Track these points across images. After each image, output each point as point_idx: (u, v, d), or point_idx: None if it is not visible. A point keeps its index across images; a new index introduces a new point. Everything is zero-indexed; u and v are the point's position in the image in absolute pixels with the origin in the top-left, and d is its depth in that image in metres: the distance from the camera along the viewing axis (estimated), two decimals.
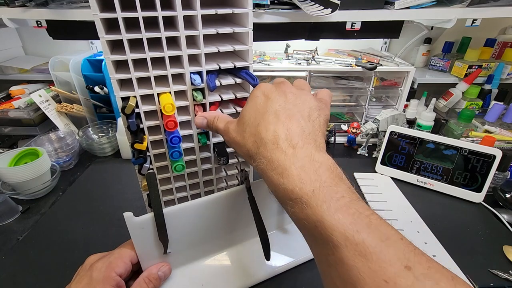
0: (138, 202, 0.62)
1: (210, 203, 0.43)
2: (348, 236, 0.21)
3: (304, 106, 0.30)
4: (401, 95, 0.87)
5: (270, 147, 0.27)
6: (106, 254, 0.40)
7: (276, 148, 0.27)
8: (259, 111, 0.30)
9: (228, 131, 0.33)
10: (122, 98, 0.37)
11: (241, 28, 0.39)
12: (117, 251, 0.39)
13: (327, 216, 0.22)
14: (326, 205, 0.23)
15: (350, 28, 0.75)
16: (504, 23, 1.00)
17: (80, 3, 0.70)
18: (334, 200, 0.23)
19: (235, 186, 0.45)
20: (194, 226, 0.43)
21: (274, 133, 0.28)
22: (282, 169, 0.26)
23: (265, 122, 0.29)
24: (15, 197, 0.64)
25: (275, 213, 0.50)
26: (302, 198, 0.24)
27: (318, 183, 0.24)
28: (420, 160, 0.68)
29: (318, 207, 0.23)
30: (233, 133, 0.32)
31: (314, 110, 0.30)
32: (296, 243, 0.51)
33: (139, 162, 0.39)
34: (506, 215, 0.59)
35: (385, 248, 0.21)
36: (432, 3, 0.71)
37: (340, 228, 0.22)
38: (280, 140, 0.27)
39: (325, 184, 0.24)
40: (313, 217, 0.23)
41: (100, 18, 0.32)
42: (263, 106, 0.30)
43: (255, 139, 0.29)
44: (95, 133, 0.86)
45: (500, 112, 0.87)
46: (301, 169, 0.25)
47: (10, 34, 1.01)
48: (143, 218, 0.38)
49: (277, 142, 0.27)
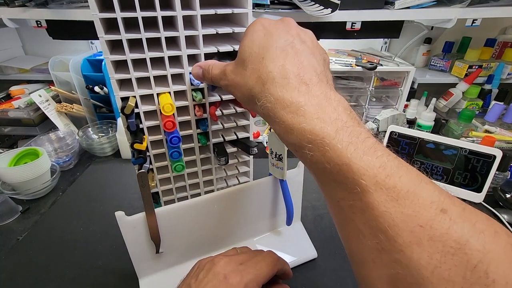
0: (138, 202, 0.62)
1: (203, 204, 0.43)
2: (379, 181, 0.20)
3: (312, 43, 0.27)
4: (401, 95, 0.87)
5: (279, 82, 0.24)
6: (238, 263, 0.34)
7: (288, 84, 0.24)
8: (262, 46, 0.26)
9: (225, 73, 0.29)
10: (122, 98, 0.37)
11: (241, 28, 0.39)
12: (252, 269, 0.33)
13: (355, 159, 0.20)
14: (353, 147, 0.21)
15: (350, 28, 0.75)
16: (504, 23, 1.00)
17: (80, 3, 0.70)
18: (360, 141, 0.21)
19: (232, 186, 0.45)
20: (187, 227, 0.43)
21: (283, 68, 0.24)
22: (295, 107, 0.23)
23: (271, 56, 0.25)
24: (15, 197, 0.64)
25: (269, 216, 0.50)
26: (324, 139, 0.21)
27: (340, 123, 0.22)
28: (420, 160, 0.68)
29: (343, 149, 0.21)
30: (231, 74, 0.28)
31: (320, 48, 0.28)
32: (292, 245, 0.51)
33: (139, 162, 0.39)
34: (506, 215, 0.59)
35: (418, 192, 0.19)
36: (432, 3, 0.71)
37: (369, 172, 0.20)
38: (291, 75, 0.24)
39: (347, 124, 0.22)
40: (337, 160, 0.21)
41: (99, 18, 0.32)
42: (266, 40, 0.26)
43: (259, 75, 0.25)
44: (95, 133, 0.86)
45: (500, 112, 0.87)
46: (319, 107, 0.22)
47: (10, 34, 1.01)
48: (135, 218, 0.38)
49: (288, 77, 0.24)
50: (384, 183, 0.20)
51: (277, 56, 0.25)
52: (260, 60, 0.25)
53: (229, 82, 0.28)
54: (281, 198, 0.46)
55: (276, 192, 0.47)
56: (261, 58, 0.25)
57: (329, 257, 0.50)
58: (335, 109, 0.23)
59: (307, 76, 0.24)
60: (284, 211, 0.46)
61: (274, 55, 0.25)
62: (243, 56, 0.27)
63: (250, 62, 0.26)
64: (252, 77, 0.26)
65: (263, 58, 0.25)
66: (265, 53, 0.25)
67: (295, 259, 0.48)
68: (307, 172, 0.47)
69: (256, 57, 0.26)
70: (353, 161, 0.20)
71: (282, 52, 0.25)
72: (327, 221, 0.58)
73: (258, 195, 0.46)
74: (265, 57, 0.25)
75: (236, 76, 0.27)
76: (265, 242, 0.50)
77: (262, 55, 0.25)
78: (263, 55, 0.25)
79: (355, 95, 0.92)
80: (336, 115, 0.22)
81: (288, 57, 0.25)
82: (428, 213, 0.18)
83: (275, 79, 0.24)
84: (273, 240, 0.51)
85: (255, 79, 0.25)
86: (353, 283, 0.46)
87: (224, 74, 0.29)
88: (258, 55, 0.26)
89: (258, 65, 0.25)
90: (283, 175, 0.42)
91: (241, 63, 0.27)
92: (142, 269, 0.43)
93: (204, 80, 0.34)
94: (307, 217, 0.58)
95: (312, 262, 0.49)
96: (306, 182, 0.49)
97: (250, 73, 0.26)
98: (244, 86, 0.26)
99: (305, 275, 0.47)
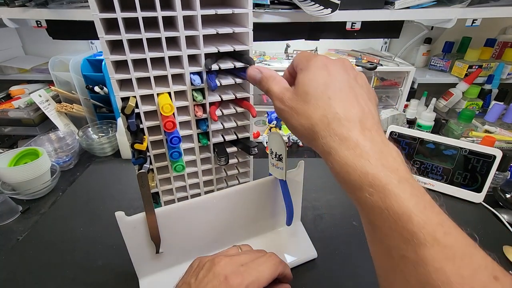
0: (138, 202, 0.62)
1: (203, 204, 0.43)
2: (437, 237, 0.20)
3: (367, 87, 0.29)
4: (401, 95, 0.87)
5: (345, 125, 0.25)
6: (239, 264, 0.34)
7: (354, 127, 0.25)
8: (327, 85, 0.27)
9: (283, 98, 0.29)
10: (122, 98, 0.37)
11: (241, 28, 0.39)
12: (254, 271, 0.34)
13: (416, 211, 0.21)
14: (415, 200, 0.21)
15: (350, 28, 0.75)
16: (504, 23, 1.00)
17: (80, 3, 0.70)
18: (421, 195, 0.22)
19: (232, 186, 0.45)
20: (187, 227, 0.43)
21: (349, 111, 0.25)
22: (360, 150, 0.24)
23: (337, 97, 0.26)
24: (15, 197, 0.64)
25: (269, 216, 0.50)
26: (387, 186, 0.22)
27: (401, 173, 0.23)
28: (420, 160, 0.68)
29: (406, 199, 0.21)
30: (291, 101, 0.28)
31: (373, 92, 0.29)
32: (292, 245, 0.51)
33: (139, 162, 0.39)
34: (506, 215, 0.59)
35: (473, 255, 0.20)
36: (432, 3, 0.71)
37: (429, 227, 0.20)
38: (356, 119, 0.25)
39: (407, 176, 0.23)
40: (397, 208, 0.21)
41: (99, 18, 0.32)
42: (330, 80, 0.27)
43: (324, 114, 0.26)
44: (95, 133, 0.86)
45: (500, 112, 0.87)
46: (381, 154, 0.23)
47: (10, 34, 1.01)
48: (134, 218, 0.38)
49: (353, 120, 0.25)
50: (442, 240, 0.20)
51: (342, 99, 0.26)
52: (326, 100, 0.26)
53: (286, 109, 0.29)
54: (281, 198, 0.46)
55: (276, 192, 0.47)
56: (327, 97, 0.26)
57: (329, 257, 0.50)
58: (395, 159, 0.24)
59: (369, 122, 0.25)
60: (284, 211, 0.46)
61: (340, 97, 0.26)
62: (307, 89, 0.27)
63: (315, 98, 0.27)
64: (316, 113, 0.26)
65: (330, 98, 0.26)
66: (331, 93, 0.26)
67: (295, 259, 0.48)
68: (307, 172, 0.47)
69: (322, 95, 0.27)
70: (414, 212, 0.21)
71: (346, 95, 0.27)
72: (327, 221, 0.58)
73: (258, 195, 0.46)
74: (332, 97, 0.26)
75: (296, 106, 0.28)
76: (265, 242, 0.50)
77: (328, 95, 0.26)
78: (329, 95, 0.26)
79: None
80: (397, 165, 0.23)
81: (351, 100, 0.26)
82: (483, 277, 0.19)
83: (341, 121, 0.25)
84: (273, 240, 0.51)
85: (320, 117, 0.26)
86: (352, 283, 0.46)
87: (282, 98, 0.29)
88: (324, 94, 0.27)
89: (323, 103, 0.26)
90: (283, 175, 0.42)
91: (303, 95, 0.28)
92: (142, 269, 0.43)
93: (256, 85, 0.34)
94: (307, 217, 0.58)
95: (312, 262, 0.49)
96: (306, 182, 0.49)
97: (314, 108, 0.26)
98: (305, 119, 0.27)
99: (305, 275, 0.47)
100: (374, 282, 0.30)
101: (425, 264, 0.20)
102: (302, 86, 0.28)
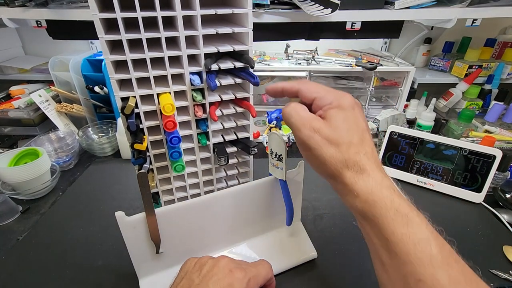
0: (138, 202, 0.62)
1: (203, 204, 0.43)
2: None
3: (367, 127, 0.33)
4: (401, 95, 0.87)
5: (369, 163, 0.30)
6: (239, 263, 0.36)
7: (374, 161, 0.30)
8: (357, 125, 0.31)
9: (317, 127, 0.31)
10: (122, 98, 0.37)
11: (241, 28, 0.39)
12: (254, 269, 0.36)
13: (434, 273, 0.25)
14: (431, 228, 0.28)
15: (350, 28, 0.75)
16: (504, 23, 1.00)
17: (80, 3, 0.70)
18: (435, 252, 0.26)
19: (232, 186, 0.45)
20: (187, 227, 0.43)
21: (372, 151, 0.31)
22: (381, 179, 0.29)
23: (365, 137, 0.31)
24: (15, 197, 0.64)
25: (269, 216, 0.50)
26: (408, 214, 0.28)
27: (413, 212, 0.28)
28: (420, 160, 0.68)
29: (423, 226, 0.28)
30: (328, 132, 0.31)
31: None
32: (292, 245, 0.51)
33: (139, 162, 0.39)
34: (506, 215, 0.59)
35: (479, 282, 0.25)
36: (432, 3, 0.71)
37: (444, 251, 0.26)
38: (372, 158, 0.30)
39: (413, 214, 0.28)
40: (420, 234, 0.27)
41: (99, 18, 0.32)
42: (358, 122, 0.31)
43: (358, 151, 0.30)
44: (95, 133, 0.86)
45: (500, 112, 0.87)
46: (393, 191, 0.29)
47: (10, 34, 1.01)
48: (134, 218, 0.38)
49: (374, 157, 0.30)
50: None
51: (367, 139, 0.31)
52: (360, 138, 0.31)
53: (322, 136, 0.31)
54: (281, 198, 0.46)
55: (276, 192, 0.47)
56: (360, 140, 0.31)
57: (329, 257, 0.50)
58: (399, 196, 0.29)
59: (378, 160, 0.31)
60: (284, 211, 0.46)
61: (366, 138, 0.31)
62: (340, 126, 0.31)
63: (348, 135, 0.30)
64: (352, 149, 0.30)
65: (362, 138, 0.31)
66: (361, 134, 0.31)
67: (295, 259, 0.48)
68: (307, 172, 0.47)
69: (355, 134, 0.31)
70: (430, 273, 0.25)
71: (369, 138, 0.32)
72: (327, 221, 0.58)
73: (258, 195, 0.46)
74: (362, 137, 0.31)
75: (334, 136, 0.30)
76: (265, 242, 0.50)
77: (359, 135, 0.31)
78: (360, 135, 0.31)
79: (355, 95, 0.92)
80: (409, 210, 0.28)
81: (369, 143, 0.31)
82: None
83: (367, 155, 0.30)
84: (273, 240, 0.51)
85: (354, 153, 0.30)
86: (352, 283, 0.46)
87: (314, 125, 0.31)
88: (356, 133, 0.31)
89: (358, 141, 0.30)
90: (283, 175, 0.42)
91: (338, 130, 0.31)
92: (142, 269, 0.43)
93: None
94: (307, 217, 0.58)
95: (312, 262, 0.49)
96: (306, 182, 0.49)
97: (348, 145, 0.30)
98: (341, 152, 0.30)
99: (305, 275, 0.47)
100: (374, 282, 0.30)
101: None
102: (336, 123, 0.31)
